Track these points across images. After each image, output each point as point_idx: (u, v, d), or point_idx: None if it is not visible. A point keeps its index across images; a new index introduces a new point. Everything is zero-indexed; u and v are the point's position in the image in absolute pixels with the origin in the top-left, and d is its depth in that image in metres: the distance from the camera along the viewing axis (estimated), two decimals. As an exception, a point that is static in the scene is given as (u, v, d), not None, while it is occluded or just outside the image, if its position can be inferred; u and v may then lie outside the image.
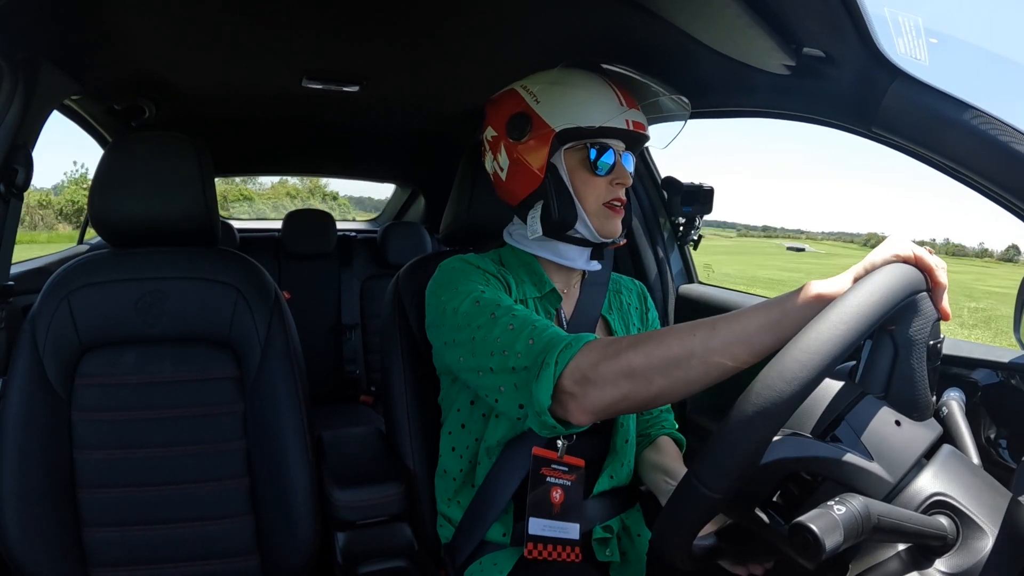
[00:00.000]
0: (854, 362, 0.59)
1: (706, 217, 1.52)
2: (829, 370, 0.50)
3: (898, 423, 0.55)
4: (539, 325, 0.75)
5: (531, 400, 0.70)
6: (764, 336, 0.60)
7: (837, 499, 0.46)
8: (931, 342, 0.56)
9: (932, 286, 0.57)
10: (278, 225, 2.49)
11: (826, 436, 0.56)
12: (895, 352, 0.56)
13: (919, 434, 0.55)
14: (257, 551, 1.05)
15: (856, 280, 0.57)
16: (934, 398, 0.58)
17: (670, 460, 0.97)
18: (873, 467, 0.53)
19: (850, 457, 0.53)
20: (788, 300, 0.60)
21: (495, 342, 0.76)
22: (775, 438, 0.53)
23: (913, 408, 0.56)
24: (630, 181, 0.90)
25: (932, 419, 0.58)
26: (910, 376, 0.55)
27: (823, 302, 0.56)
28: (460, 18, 1.07)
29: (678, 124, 1.04)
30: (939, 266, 0.57)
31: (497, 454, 0.91)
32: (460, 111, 1.65)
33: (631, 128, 0.88)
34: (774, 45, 0.79)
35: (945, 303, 0.58)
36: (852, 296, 0.52)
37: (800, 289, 0.60)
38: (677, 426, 1.08)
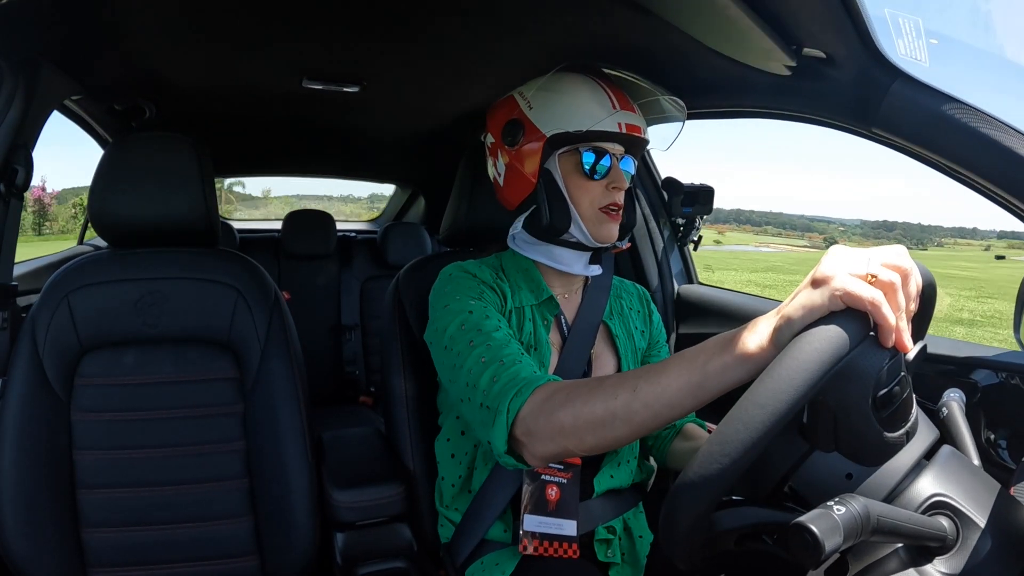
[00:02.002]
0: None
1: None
2: (752, 459, 0.47)
3: (850, 476, 0.53)
4: (506, 360, 0.76)
5: (491, 441, 0.73)
6: (685, 400, 0.58)
7: (837, 499, 0.46)
8: (881, 392, 0.47)
9: (876, 325, 0.47)
10: (278, 225, 2.49)
11: (773, 497, 0.55)
12: (834, 416, 0.48)
13: (873, 483, 0.53)
14: (257, 552, 1.05)
15: (774, 340, 0.52)
16: (911, 422, 0.51)
17: (702, 443, 0.97)
18: None
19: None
20: (710, 362, 0.56)
21: (468, 374, 0.78)
22: (716, 511, 0.51)
23: (866, 458, 0.51)
24: (626, 185, 0.89)
25: (922, 427, 0.55)
26: (857, 433, 0.48)
27: (748, 365, 0.53)
28: (460, 19, 1.07)
29: (677, 125, 1.03)
30: (882, 300, 0.46)
31: (495, 460, 0.91)
32: (460, 111, 1.65)
33: (623, 131, 0.87)
34: (774, 46, 0.79)
35: (900, 335, 0.47)
36: (765, 386, 0.46)
37: (724, 346, 0.56)
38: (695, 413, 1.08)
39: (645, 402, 0.61)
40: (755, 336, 0.54)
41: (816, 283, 0.49)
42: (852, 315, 0.47)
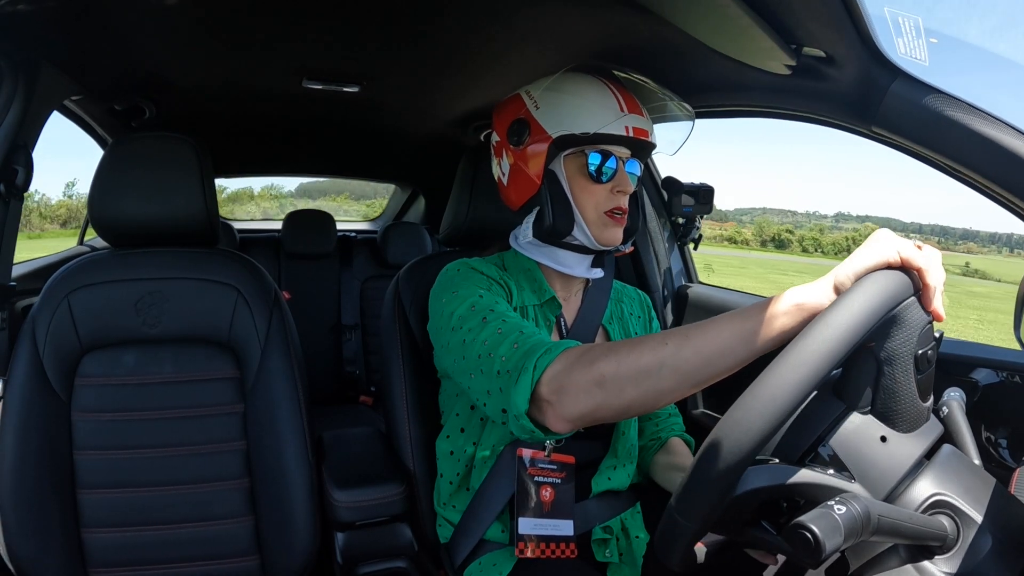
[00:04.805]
0: (839, 369, 0.56)
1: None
2: (800, 403, 0.49)
3: (884, 439, 0.53)
4: (526, 331, 0.75)
5: (510, 403, 0.70)
6: (738, 347, 0.58)
7: (837, 499, 0.46)
8: (920, 351, 0.52)
9: (921, 288, 0.53)
10: (278, 225, 2.49)
11: (806, 458, 0.55)
12: (877, 368, 0.53)
13: (906, 448, 0.53)
14: (257, 552, 1.05)
15: (837, 287, 0.55)
16: (931, 402, 0.56)
17: (684, 459, 0.97)
18: (854, 488, 0.52)
19: (829, 481, 0.51)
20: (765, 309, 0.57)
21: (483, 345, 0.76)
22: (750, 467, 0.52)
23: (901, 420, 0.54)
24: (631, 189, 0.89)
25: (929, 422, 0.56)
26: (895, 390, 0.53)
27: (803, 313, 0.55)
28: (460, 19, 1.07)
29: (682, 126, 1.03)
30: (929, 265, 0.53)
31: (493, 459, 0.91)
32: (460, 112, 1.65)
33: (631, 135, 0.86)
34: (774, 45, 0.79)
35: (938, 303, 0.53)
36: (828, 320, 0.49)
37: (779, 297, 0.57)
38: (685, 428, 1.08)
39: (697, 349, 0.59)
40: (817, 286, 0.57)
41: (866, 251, 0.54)
42: (904, 272, 0.53)
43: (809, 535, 0.43)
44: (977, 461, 0.59)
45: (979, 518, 0.51)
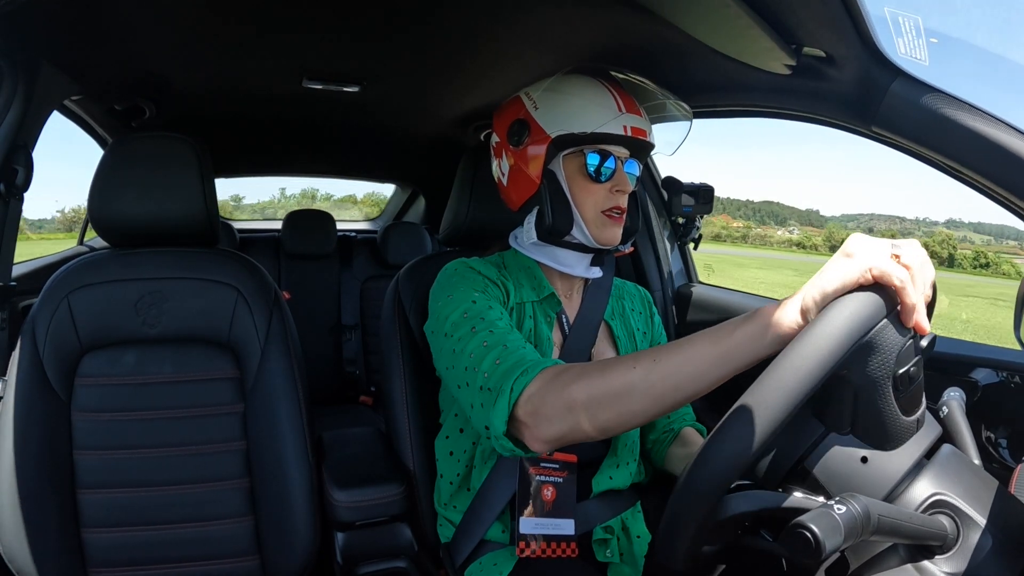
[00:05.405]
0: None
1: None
2: (770, 439, 0.48)
3: (864, 459, 0.53)
4: (510, 345, 0.76)
5: (490, 422, 0.72)
6: (708, 372, 0.57)
7: (838, 499, 0.46)
8: (900, 371, 0.49)
9: (899, 304, 0.49)
10: (278, 225, 2.49)
11: (787, 482, 0.55)
12: (855, 393, 0.50)
13: (888, 466, 0.53)
14: (257, 552, 1.05)
15: (803, 312, 0.52)
16: (919, 413, 0.53)
17: (697, 448, 0.97)
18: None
19: (808, 505, 0.51)
20: (736, 332, 0.56)
21: (469, 357, 0.77)
22: (730, 494, 0.52)
23: (883, 440, 0.51)
24: (630, 189, 0.90)
25: (925, 427, 0.55)
26: (875, 413, 0.50)
27: (773, 337, 0.54)
28: (460, 19, 1.07)
29: (681, 126, 1.03)
30: (907, 281, 0.49)
31: (493, 459, 0.91)
32: (460, 112, 1.65)
33: (629, 134, 0.87)
34: (774, 45, 0.79)
35: (920, 317, 0.49)
36: (791, 358, 0.48)
37: (749, 318, 0.56)
38: (695, 417, 1.08)
39: (666, 372, 0.59)
40: (785, 308, 0.54)
41: (846, 258, 0.51)
42: (879, 290, 0.49)
43: (809, 535, 0.43)
44: (977, 461, 0.59)
45: (979, 518, 0.51)
